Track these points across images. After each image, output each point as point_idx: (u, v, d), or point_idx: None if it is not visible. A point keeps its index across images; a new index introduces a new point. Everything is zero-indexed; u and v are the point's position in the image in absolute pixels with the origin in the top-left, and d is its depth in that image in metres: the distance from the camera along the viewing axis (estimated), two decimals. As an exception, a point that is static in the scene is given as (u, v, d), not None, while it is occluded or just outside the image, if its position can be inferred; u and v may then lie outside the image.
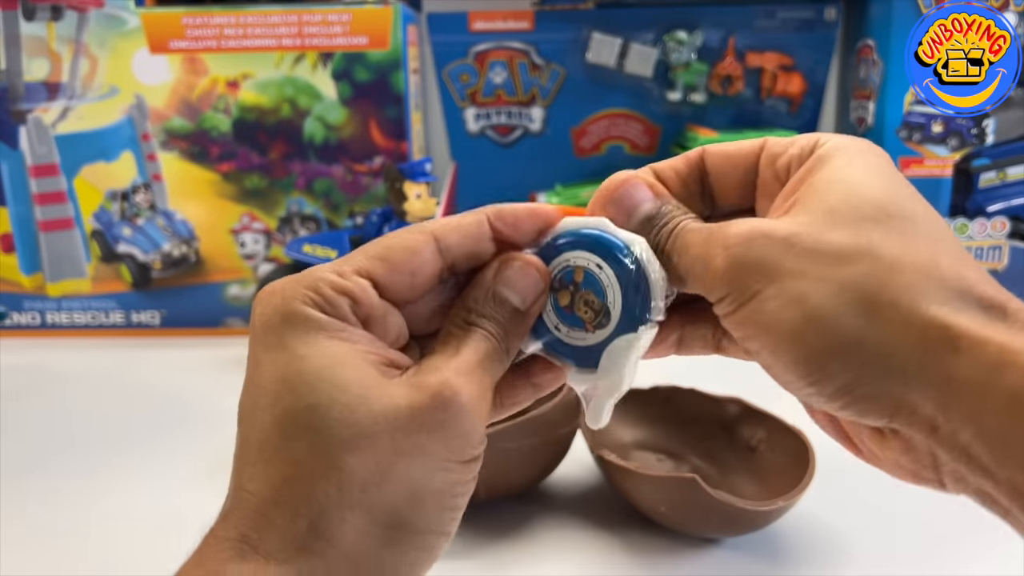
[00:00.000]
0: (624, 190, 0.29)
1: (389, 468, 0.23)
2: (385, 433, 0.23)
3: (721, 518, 0.46)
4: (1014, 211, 0.86)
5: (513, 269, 0.28)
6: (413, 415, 0.24)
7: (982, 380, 0.22)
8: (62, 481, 0.59)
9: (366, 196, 0.90)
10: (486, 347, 0.26)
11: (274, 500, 0.23)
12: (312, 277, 0.26)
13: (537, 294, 0.28)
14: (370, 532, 0.23)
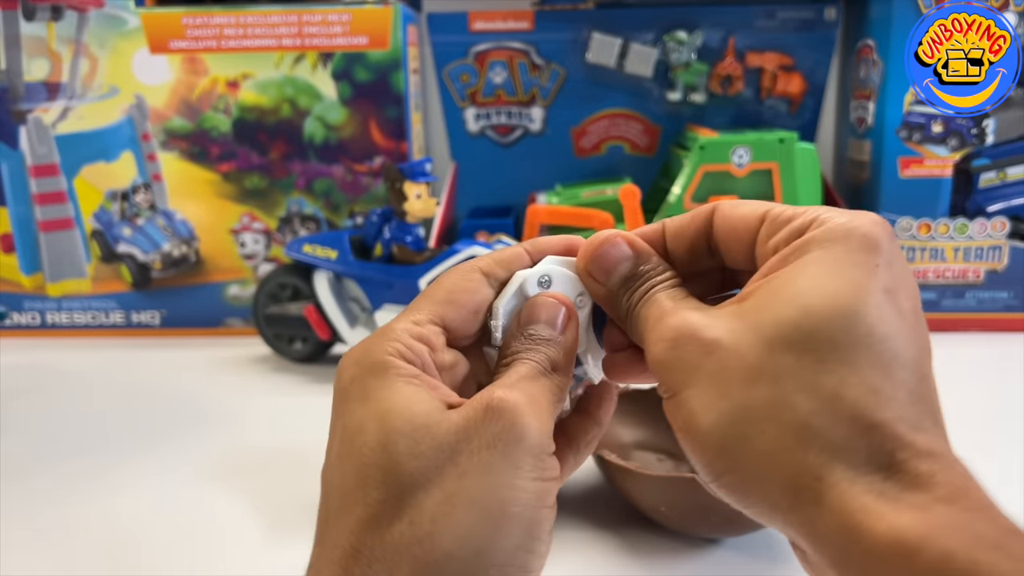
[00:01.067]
0: (603, 249, 0.29)
1: (456, 493, 0.24)
2: (448, 459, 0.24)
3: (721, 518, 0.46)
4: (1014, 211, 0.86)
5: (535, 305, 0.29)
6: (469, 431, 0.24)
7: (842, 540, 0.21)
8: (62, 481, 0.59)
9: (366, 196, 0.90)
10: (527, 369, 0.27)
11: (354, 550, 0.24)
12: (393, 329, 0.27)
13: (564, 319, 0.29)
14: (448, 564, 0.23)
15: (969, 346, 0.84)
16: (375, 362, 0.26)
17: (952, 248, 0.87)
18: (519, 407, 0.25)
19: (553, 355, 0.28)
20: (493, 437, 0.24)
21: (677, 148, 0.95)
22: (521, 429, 0.25)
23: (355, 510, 0.24)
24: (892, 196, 0.86)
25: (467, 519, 0.23)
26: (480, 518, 0.23)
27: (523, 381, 0.27)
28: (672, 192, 0.88)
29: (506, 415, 0.25)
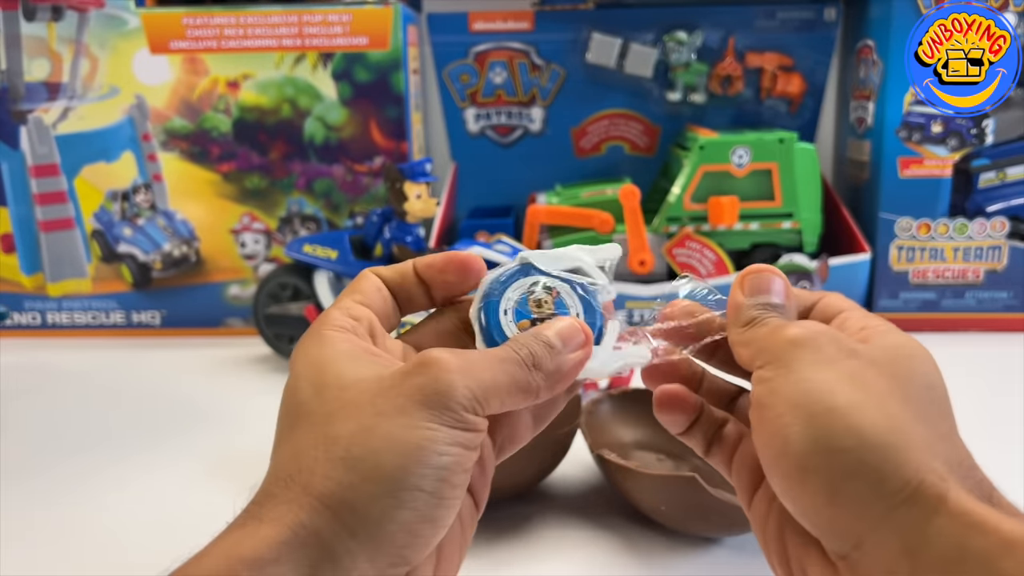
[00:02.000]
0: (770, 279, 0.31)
1: (372, 427, 0.25)
2: (368, 401, 0.26)
3: (721, 517, 0.46)
4: (1013, 211, 0.86)
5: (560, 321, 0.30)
6: (395, 380, 0.26)
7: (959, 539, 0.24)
8: (62, 480, 0.59)
9: (366, 196, 0.90)
10: (499, 350, 0.28)
11: (276, 476, 0.26)
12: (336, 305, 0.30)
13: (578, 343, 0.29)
14: (353, 484, 0.24)
15: (969, 346, 0.84)
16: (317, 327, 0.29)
17: (952, 248, 0.87)
18: (448, 365, 0.26)
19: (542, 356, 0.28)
20: (415, 387, 0.26)
21: (677, 148, 0.95)
22: (444, 385, 0.26)
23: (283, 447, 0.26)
24: (892, 196, 0.86)
25: (379, 447, 0.25)
26: (390, 446, 0.25)
27: (480, 354, 0.28)
28: (672, 192, 0.88)
29: (431, 369, 0.26)
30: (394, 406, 0.25)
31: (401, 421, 0.25)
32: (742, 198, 0.86)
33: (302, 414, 0.26)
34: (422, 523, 0.25)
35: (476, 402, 0.26)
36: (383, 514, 0.24)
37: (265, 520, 0.24)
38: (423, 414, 0.25)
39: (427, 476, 0.25)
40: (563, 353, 0.29)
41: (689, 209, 0.88)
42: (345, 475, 0.24)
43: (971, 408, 0.69)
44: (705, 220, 0.88)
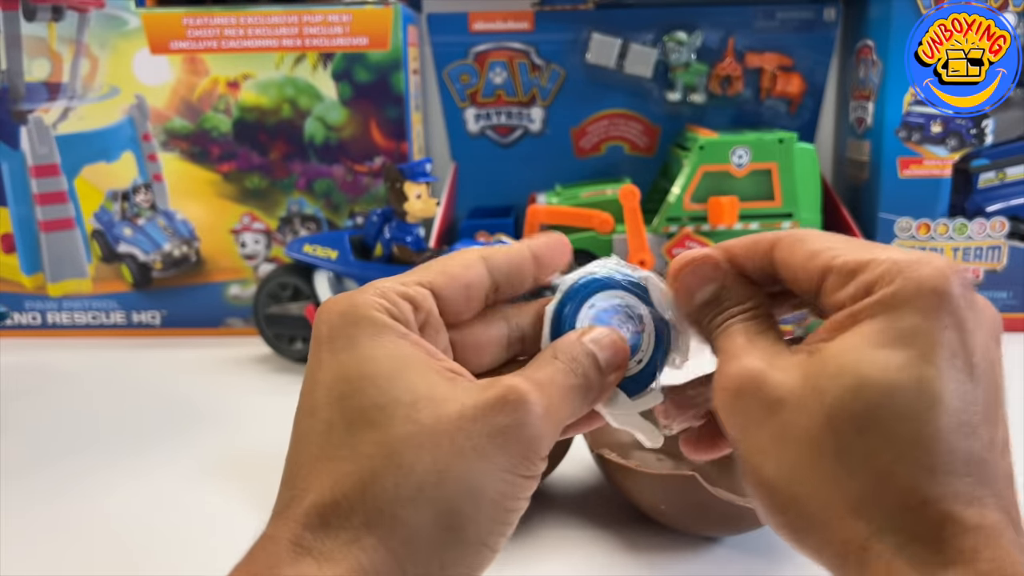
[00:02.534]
0: (690, 269, 0.29)
1: (447, 468, 0.23)
2: (447, 433, 0.24)
3: (721, 516, 0.47)
4: (1013, 211, 0.86)
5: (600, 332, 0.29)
6: (477, 416, 0.24)
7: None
8: (63, 481, 0.59)
9: (366, 196, 0.90)
10: (566, 373, 0.27)
11: (332, 498, 0.23)
12: (377, 285, 0.27)
13: (619, 362, 0.29)
14: (422, 531, 0.23)
15: (969, 346, 0.84)
16: (360, 315, 0.26)
17: (951, 248, 0.87)
18: (534, 408, 0.25)
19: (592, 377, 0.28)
20: (499, 429, 0.24)
21: (677, 148, 0.95)
22: (530, 431, 0.24)
23: (339, 462, 0.24)
24: (891, 196, 0.86)
25: (453, 492, 0.23)
26: (465, 495, 0.23)
27: (551, 379, 0.26)
28: (672, 192, 0.88)
29: (519, 412, 0.24)
30: (474, 447, 0.24)
31: (480, 467, 0.24)
32: (742, 198, 0.86)
33: (361, 424, 0.24)
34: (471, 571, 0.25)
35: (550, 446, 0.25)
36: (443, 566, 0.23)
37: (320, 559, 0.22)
38: (503, 462, 0.24)
39: (493, 531, 0.24)
40: (606, 376, 0.28)
41: (689, 209, 0.88)
42: (414, 517, 0.23)
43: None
44: (705, 220, 0.88)
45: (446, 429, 0.24)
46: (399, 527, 0.23)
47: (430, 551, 0.23)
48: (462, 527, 0.23)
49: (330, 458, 0.24)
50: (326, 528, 0.23)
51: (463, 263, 0.28)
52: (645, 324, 0.30)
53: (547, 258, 0.30)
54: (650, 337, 0.30)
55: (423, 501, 0.23)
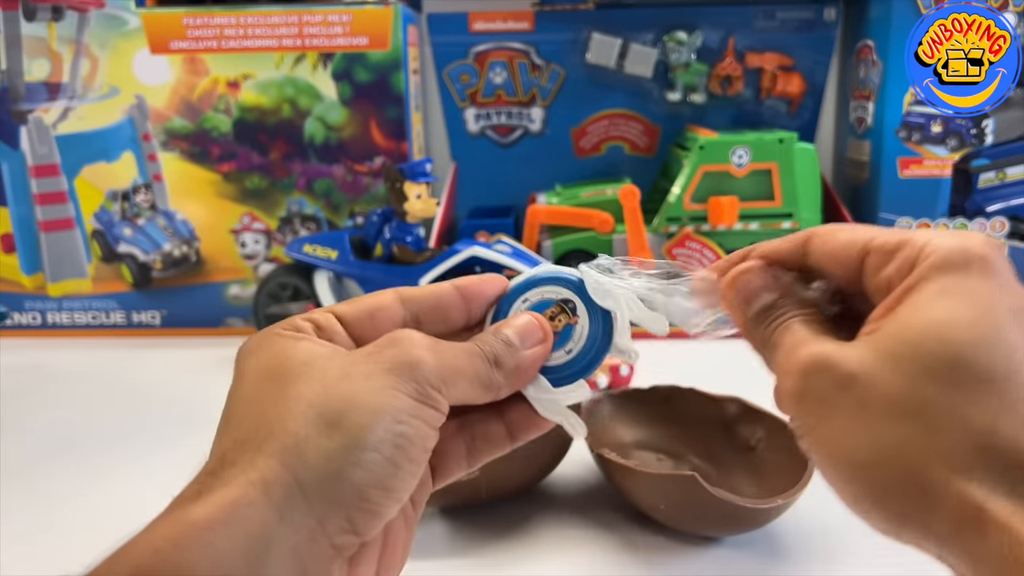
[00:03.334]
0: (747, 278, 0.30)
1: (335, 386, 0.25)
2: (336, 366, 0.26)
3: (720, 516, 0.47)
4: (1013, 211, 0.86)
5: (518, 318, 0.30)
6: (364, 352, 0.27)
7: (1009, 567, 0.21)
8: (62, 480, 0.59)
9: (366, 196, 0.90)
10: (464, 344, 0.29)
11: (232, 442, 0.25)
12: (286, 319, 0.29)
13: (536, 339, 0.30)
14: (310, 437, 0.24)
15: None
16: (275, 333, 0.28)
17: (952, 248, 0.87)
18: (418, 342, 0.27)
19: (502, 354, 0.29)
20: (383, 358, 0.26)
21: (677, 148, 0.95)
22: (413, 358, 0.26)
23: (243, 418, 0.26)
24: (891, 196, 0.86)
25: (339, 402, 0.25)
26: (353, 404, 0.25)
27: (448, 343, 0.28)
28: (672, 192, 0.88)
29: (401, 343, 0.27)
30: (361, 372, 0.26)
31: (366, 384, 0.25)
32: (742, 198, 0.86)
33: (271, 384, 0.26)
34: (375, 488, 0.24)
35: (441, 381, 0.27)
36: (338, 471, 0.24)
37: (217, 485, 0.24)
38: (389, 380, 0.25)
39: (386, 440, 0.25)
40: (521, 350, 0.29)
41: (689, 209, 0.88)
42: (303, 428, 0.24)
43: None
44: (705, 220, 0.88)
45: (336, 364, 0.26)
46: (288, 439, 0.24)
47: (321, 459, 0.24)
48: (351, 432, 0.24)
49: (234, 415, 0.27)
50: (223, 465, 0.24)
51: (373, 296, 0.30)
52: (578, 317, 0.31)
53: (476, 294, 0.31)
54: (583, 330, 0.31)
55: (312, 413, 0.24)
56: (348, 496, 0.24)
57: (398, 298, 0.30)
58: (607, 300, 0.31)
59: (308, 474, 0.24)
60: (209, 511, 0.23)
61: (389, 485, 0.25)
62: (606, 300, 0.31)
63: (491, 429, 0.31)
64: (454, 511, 0.53)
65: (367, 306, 0.29)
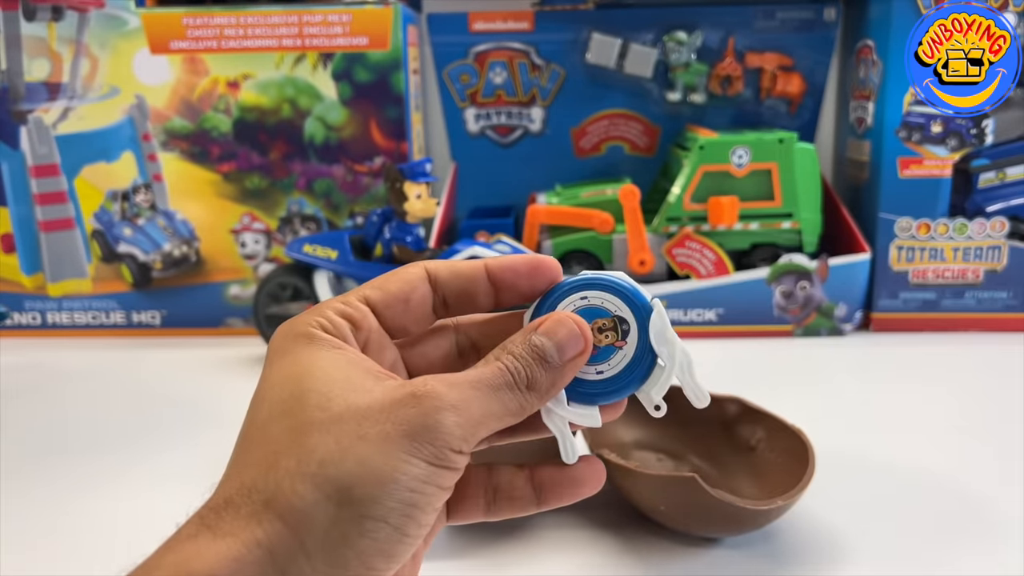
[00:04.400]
0: None
1: (349, 448, 0.24)
2: (354, 420, 0.25)
3: (721, 517, 0.47)
4: (1013, 211, 0.86)
5: (556, 322, 0.28)
6: (385, 407, 0.25)
7: None
8: (62, 480, 0.59)
9: (366, 196, 0.90)
10: (493, 375, 0.27)
11: (240, 482, 0.25)
12: (319, 306, 0.28)
13: (577, 351, 0.28)
14: (318, 503, 0.23)
15: (969, 346, 0.84)
16: (299, 333, 0.27)
17: (951, 248, 0.87)
18: (443, 401, 0.25)
19: (537, 377, 0.27)
20: (403, 418, 0.25)
21: (677, 148, 0.95)
22: (434, 422, 0.25)
23: (253, 451, 0.25)
24: (891, 196, 0.86)
25: (353, 470, 0.24)
26: (365, 473, 0.24)
27: (475, 381, 0.26)
28: (672, 192, 0.88)
29: (424, 404, 0.25)
30: (378, 432, 0.24)
31: (382, 449, 0.24)
32: (742, 198, 0.86)
33: (279, 416, 0.25)
34: (379, 556, 0.24)
35: (465, 442, 0.25)
36: (342, 539, 0.23)
37: (220, 534, 0.23)
38: (406, 446, 0.24)
39: (394, 510, 0.24)
40: (558, 366, 0.27)
41: (689, 209, 0.88)
42: (311, 492, 0.24)
43: (972, 408, 0.69)
44: (705, 220, 0.88)
45: (354, 416, 0.25)
46: (297, 502, 0.23)
47: (328, 526, 0.23)
48: (361, 503, 0.24)
49: (248, 450, 0.26)
50: (228, 507, 0.24)
51: (404, 278, 0.29)
52: (627, 344, 0.29)
53: (505, 278, 0.29)
54: (623, 360, 0.29)
55: (322, 478, 0.24)
56: (351, 563, 0.24)
57: (427, 279, 0.29)
58: (663, 346, 0.28)
59: (313, 541, 0.23)
60: (211, 564, 0.23)
61: (393, 551, 0.24)
62: (662, 346, 0.28)
63: (516, 486, 0.30)
64: (454, 511, 0.53)
65: (401, 293, 0.28)
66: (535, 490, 0.30)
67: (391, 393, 0.25)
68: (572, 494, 0.30)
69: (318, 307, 0.28)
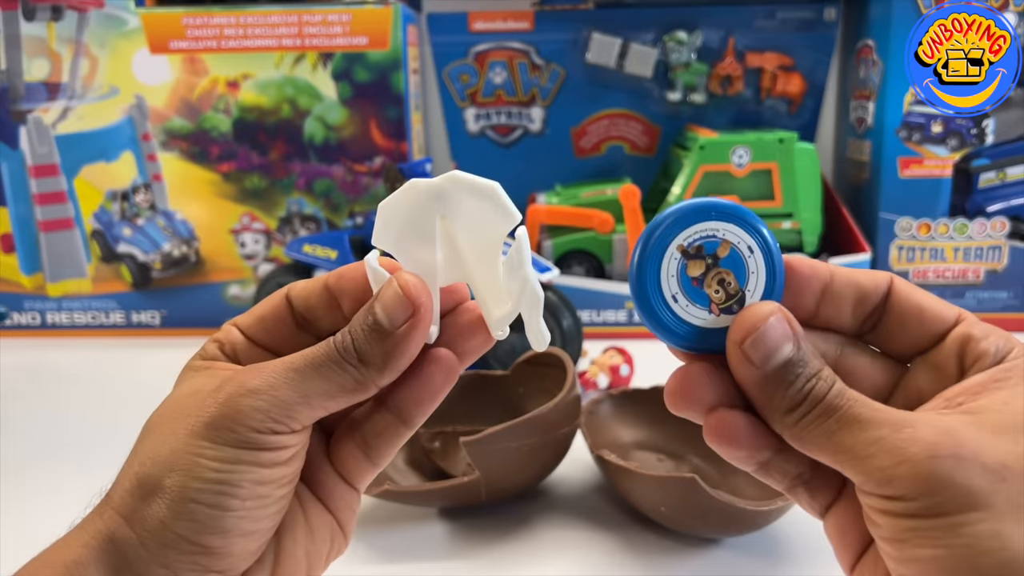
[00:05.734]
0: (764, 328, 0.25)
1: (164, 443, 0.27)
2: (171, 419, 0.28)
3: (721, 518, 0.46)
4: (1014, 211, 0.86)
5: (386, 288, 0.27)
6: (197, 403, 0.27)
7: None
8: (62, 481, 0.59)
9: (366, 196, 0.90)
10: (316, 353, 0.27)
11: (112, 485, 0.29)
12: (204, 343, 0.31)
13: (404, 316, 0.27)
14: (136, 495, 0.27)
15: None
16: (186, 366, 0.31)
17: (952, 248, 0.87)
18: (241, 389, 0.26)
19: (365, 347, 0.27)
20: (205, 411, 0.27)
21: (677, 148, 0.95)
22: (232, 410, 0.26)
23: None
24: (892, 196, 0.86)
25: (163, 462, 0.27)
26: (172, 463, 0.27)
27: (292, 363, 0.27)
28: (672, 192, 0.88)
29: (220, 394, 0.27)
30: (185, 427, 0.27)
31: (186, 440, 0.26)
32: (742, 198, 0.86)
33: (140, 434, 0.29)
34: (207, 534, 0.26)
35: (274, 422, 0.26)
36: (162, 524, 0.26)
37: (77, 529, 0.28)
38: (208, 434, 0.26)
39: (204, 491, 0.26)
40: (392, 333, 0.26)
41: (689, 209, 0.88)
42: (131, 486, 0.27)
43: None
44: (705, 220, 0.87)
45: (177, 417, 0.27)
46: (126, 496, 0.27)
47: (147, 514, 0.26)
48: (170, 490, 0.26)
49: None
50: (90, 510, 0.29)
51: (267, 300, 0.30)
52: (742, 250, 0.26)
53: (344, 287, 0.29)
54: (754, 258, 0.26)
55: (143, 473, 0.27)
56: (183, 545, 0.26)
57: (285, 297, 0.30)
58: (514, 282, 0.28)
59: (142, 528, 0.26)
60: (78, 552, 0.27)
61: (222, 527, 0.26)
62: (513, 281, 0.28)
63: (378, 423, 0.29)
64: (454, 512, 0.53)
65: (257, 312, 0.30)
66: (394, 414, 0.29)
67: (209, 391, 0.27)
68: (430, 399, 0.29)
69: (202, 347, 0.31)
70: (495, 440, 0.48)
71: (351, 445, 0.29)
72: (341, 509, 0.30)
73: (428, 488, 0.50)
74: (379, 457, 0.29)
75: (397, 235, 0.28)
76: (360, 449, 0.29)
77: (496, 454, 0.49)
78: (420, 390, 0.28)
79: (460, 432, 0.55)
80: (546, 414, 0.49)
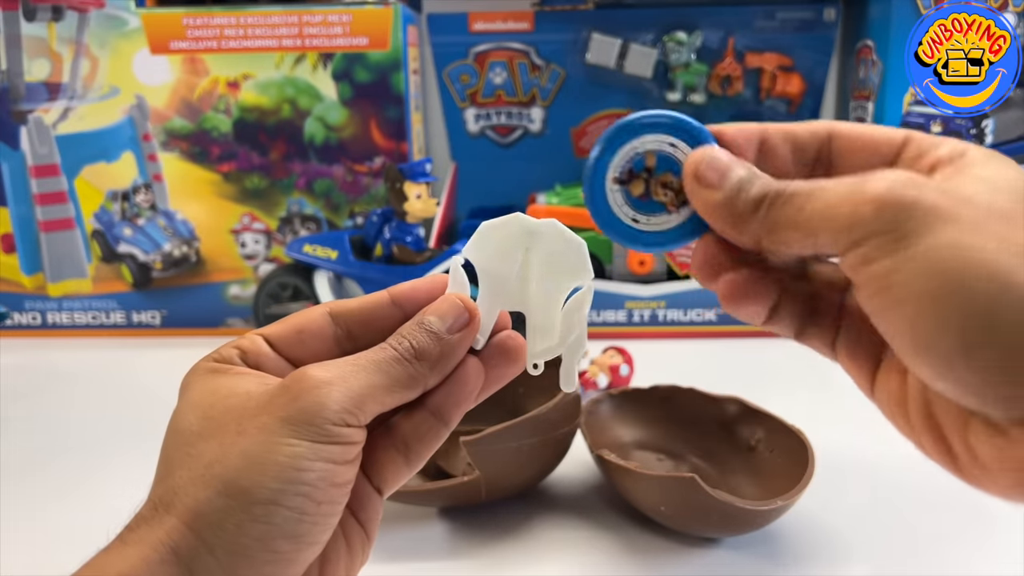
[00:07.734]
0: (712, 153, 0.30)
1: (231, 445, 0.26)
2: (233, 421, 0.26)
3: (721, 517, 0.47)
4: (1013, 211, 0.86)
5: (442, 300, 0.30)
6: (260, 403, 0.27)
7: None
8: (62, 481, 0.59)
9: (366, 196, 0.90)
10: (376, 351, 0.28)
11: (150, 503, 0.27)
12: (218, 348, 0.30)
13: (462, 324, 0.29)
14: (209, 499, 0.25)
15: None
16: (198, 369, 0.30)
17: (952, 248, 0.87)
18: (316, 381, 0.26)
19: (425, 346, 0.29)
20: (279, 406, 0.26)
21: (677, 148, 0.95)
22: (310, 403, 0.26)
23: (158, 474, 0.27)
24: (892, 196, 0.86)
25: (235, 464, 0.25)
26: (248, 463, 0.25)
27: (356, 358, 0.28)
28: (672, 192, 0.88)
29: (294, 388, 0.26)
30: (256, 426, 0.26)
31: (261, 439, 0.25)
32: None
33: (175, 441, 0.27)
34: (282, 539, 0.25)
35: (348, 413, 0.26)
36: (238, 528, 0.25)
37: (130, 543, 0.25)
38: (285, 431, 0.25)
39: (286, 492, 0.25)
40: (446, 337, 0.29)
41: (689, 209, 0.88)
42: (202, 492, 0.25)
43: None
44: (705, 220, 0.87)
45: (234, 418, 0.26)
46: (191, 502, 0.25)
47: (222, 518, 0.25)
48: (248, 492, 0.25)
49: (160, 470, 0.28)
50: (139, 523, 0.26)
51: (303, 314, 0.30)
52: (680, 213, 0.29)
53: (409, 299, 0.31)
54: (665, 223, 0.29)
55: (210, 476, 0.25)
56: (254, 550, 0.25)
57: (327, 313, 0.30)
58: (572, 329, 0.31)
59: (211, 535, 0.25)
60: (121, 569, 0.24)
61: (297, 532, 0.25)
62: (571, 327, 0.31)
63: (419, 424, 0.30)
64: (454, 512, 0.54)
65: (295, 324, 0.30)
66: (434, 415, 0.30)
67: (268, 390, 0.27)
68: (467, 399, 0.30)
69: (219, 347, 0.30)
70: (495, 440, 0.49)
71: (391, 451, 0.30)
72: (371, 519, 0.30)
73: (428, 488, 0.50)
74: (418, 458, 0.30)
75: (486, 252, 0.31)
76: (400, 452, 0.30)
77: (496, 454, 0.49)
78: (459, 392, 0.30)
79: (460, 432, 0.55)
80: (546, 414, 0.49)
